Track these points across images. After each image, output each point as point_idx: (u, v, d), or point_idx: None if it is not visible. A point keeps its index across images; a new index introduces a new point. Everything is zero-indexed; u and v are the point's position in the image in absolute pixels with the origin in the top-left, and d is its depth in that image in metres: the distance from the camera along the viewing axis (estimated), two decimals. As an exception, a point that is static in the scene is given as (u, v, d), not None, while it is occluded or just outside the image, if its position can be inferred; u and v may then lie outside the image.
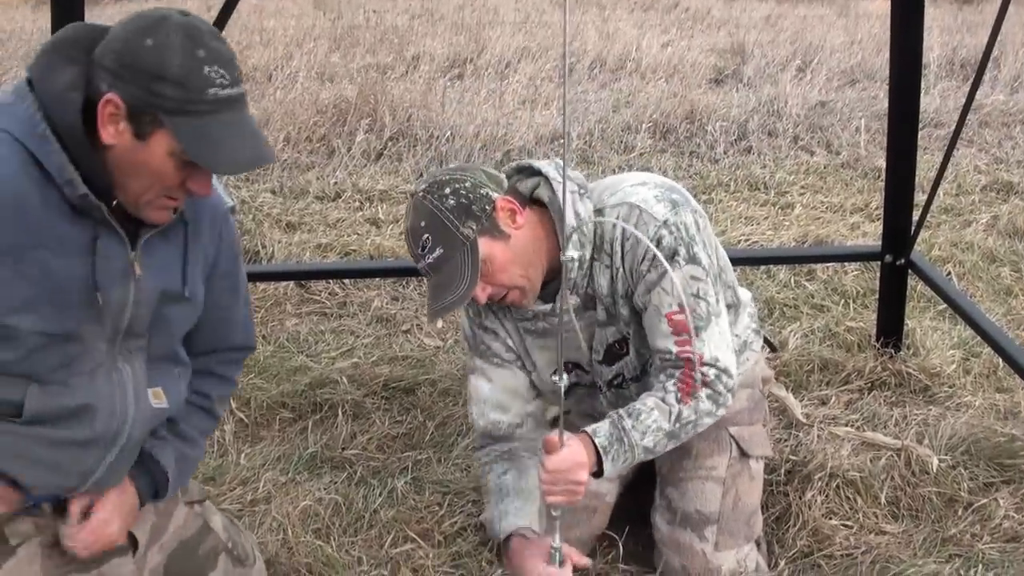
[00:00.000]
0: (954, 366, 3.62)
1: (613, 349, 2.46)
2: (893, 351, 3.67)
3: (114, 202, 1.76)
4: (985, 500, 2.87)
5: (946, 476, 2.94)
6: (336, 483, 3.02)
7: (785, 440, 3.11)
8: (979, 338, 3.51)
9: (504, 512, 2.44)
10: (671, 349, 2.30)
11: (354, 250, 4.80)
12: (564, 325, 2.37)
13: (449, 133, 6.50)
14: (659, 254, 2.14)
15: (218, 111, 1.69)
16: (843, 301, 4.21)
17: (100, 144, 1.69)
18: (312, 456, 3.16)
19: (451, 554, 2.73)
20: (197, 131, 1.67)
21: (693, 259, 2.28)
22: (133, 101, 1.66)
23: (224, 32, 2.19)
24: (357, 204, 5.57)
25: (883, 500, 2.87)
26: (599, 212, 2.32)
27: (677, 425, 2.30)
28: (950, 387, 3.50)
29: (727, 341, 2.35)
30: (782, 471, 2.93)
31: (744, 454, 2.63)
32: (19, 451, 1.82)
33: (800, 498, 2.84)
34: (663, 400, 2.30)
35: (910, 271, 3.66)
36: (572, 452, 2.18)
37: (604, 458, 2.24)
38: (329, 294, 4.32)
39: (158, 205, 1.77)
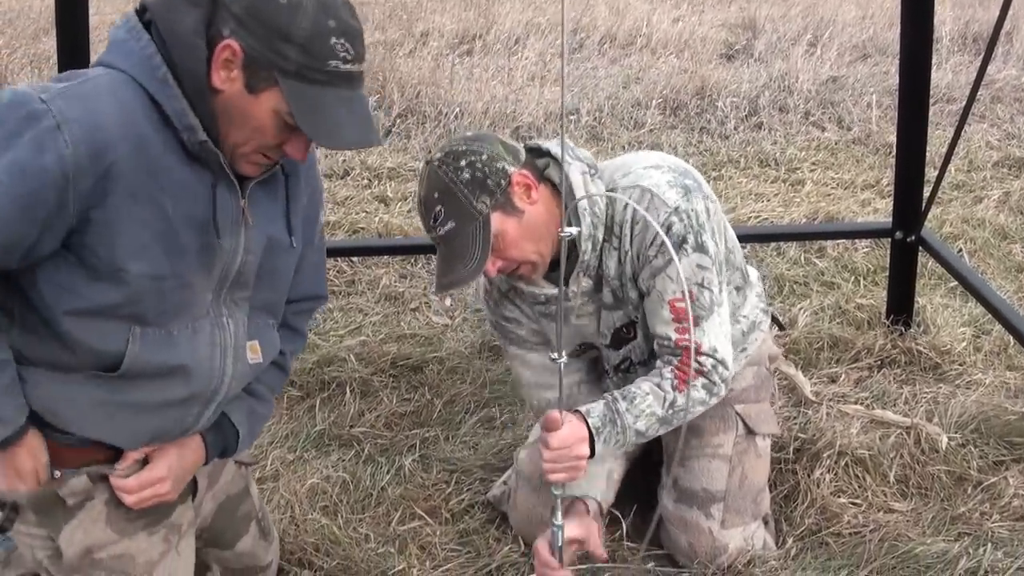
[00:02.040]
0: (964, 344, 3.60)
1: (620, 333, 2.45)
2: (903, 328, 3.66)
3: None
4: (995, 478, 2.86)
5: (955, 454, 2.93)
6: (344, 461, 3.02)
7: (794, 418, 3.10)
8: (990, 316, 3.50)
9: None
10: (671, 336, 2.29)
11: (362, 228, 4.79)
12: (575, 309, 2.36)
13: (458, 110, 6.47)
14: (668, 241, 2.12)
15: (335, 84, 1.67)
16: (853, 278, 4.19)
17: (211, 86, 1.68)
18: (320, 434, 3.17)
19: (458, 531, 2.74)
20: (309, 98, 1.66)
21: (701, 247, 2.26)
22: (252, 53, 1.64)
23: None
24: (365, 182, 5.55)
25: (892, 478, 2.86)
26: (610, 193, 2.30)
27: (670, 411, 2.29)
28: (960, 365, 3.48)
29: (726, 332, 2.34)
30: (791, 449, 2.93)
31: (751, 432, 2.62)
32: (112, 412, 1.82)
33: (809, 476, 2.83)
34: (658, 385, 2.29)
35: (921, 248, 3.63)
36: (573, 428, 2.17)
37: (596, 438, 2.23)
38: (337, 272, 4.32)
39: (252, 160, 1.76)
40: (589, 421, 2.23)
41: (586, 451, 2.19)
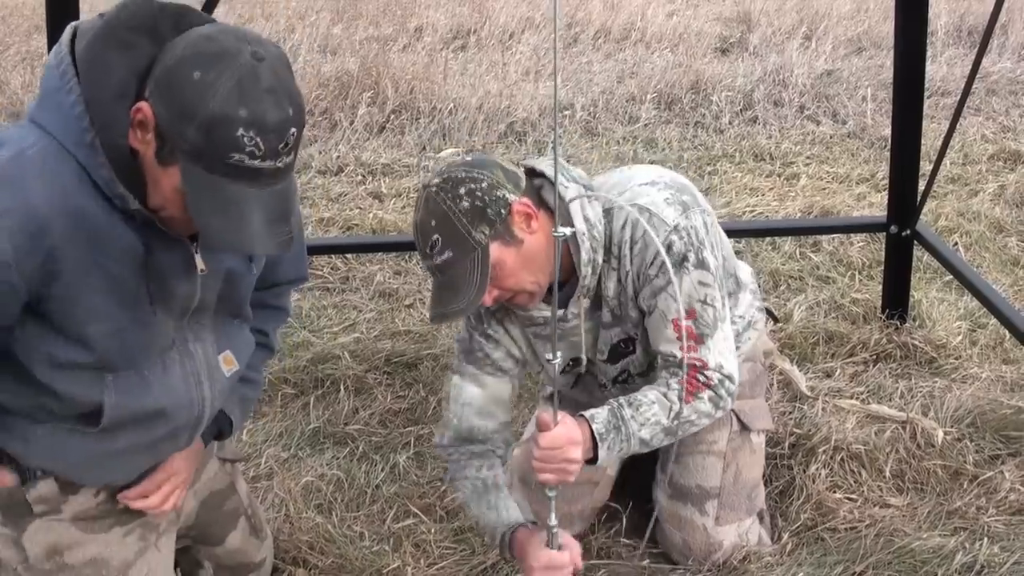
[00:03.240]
0: (960, 338, 3.60)
1: (619, 349, 2.42)
2: (899, 323, 3.65)
3: None
4: (991, 473, 2.85)
5: (951, 449, 2.93)
6: (338, 459, 3.02)
7: (789, 413, 3.09)
8: (985, 309, 3.49)
9: (497, 508, 2.36)
10: (675, 354, 2.25)
11: (356, 224, 4.78)
12: (571, 329, 2.34)
13: (452, 105, 6.45)
14: (668, 260, 2.10)
15: (236, 178, 1.53)
16: (848, 272, 4.19)
17: (130, 145, 1.59)
18: (314, 432, 3.16)
19: (453, 529, 2.74)
20: (206, 186, 1.53)
21: (702, 264, 2.23)
22: (160, 123, 1.53)
23: (226, 6, 2.14)
24: (360, 178, 5.54)
25: (888, 473, 2.86)
26: (607, 212, 2.26)
27: (676, 422, 2.24)
28: (956, 359, 3.48)
29: (731, 347, 2.31)
30: (786, 444, 2.93)
31: (745, 428, 2.61)
32: (104, 460, 1.86)
33: (804, 471, 2.83)
34: (665, 396, 2.24)
35: (916, 242, 3.63)
36: (566, 429, 2.12)
37: (600, 445, 2.18)
38: (331, 269, 4.31)
39: (177, 221, 1.67)
40: (593, 427, 2.18)
41: (578, 455, 2.12)
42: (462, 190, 2.11)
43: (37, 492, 1.89)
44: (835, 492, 2.79)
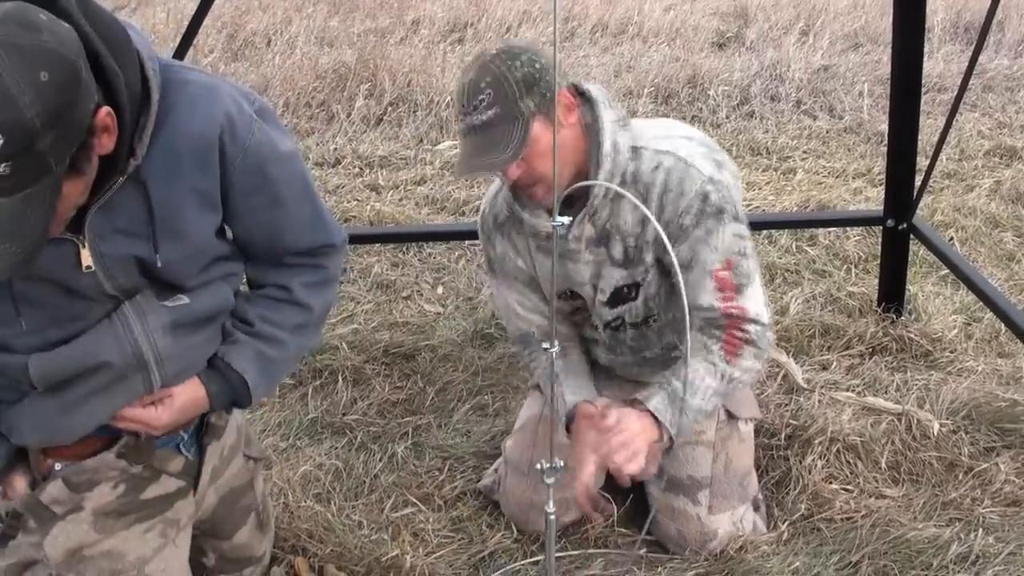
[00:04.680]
0: (956, 331, 3.61)
1: (621, 293, 2.42)
2: (895, 316, 3.67)
3: None
4: (986, 464, 2.87)
5: (947, 441, 2.94)
6: (336, 448, 3.02)
7: (786, 405, 3.11)
8: (981, 303, 3.51)
9: (565, 391, 2.46)
10: (716, 306, 2.28)
11: (354, 216, 4.78)
12: (572, 253, 2.37)
13: (449, 98, 6.44)
14: (707, 210, 2.19)
15: None
16: (845, 266, 4.20)
17: None
18: (312, 422, 3.17)
19: (451, 518, 2.75)
20: None
21: (738, 217, 2.28)
22: None
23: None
24: (357, 170, 5.54)
25: (883, 464, 2.87)
26: (636, 150, 2.28)
27: (729, 385, 2.31)
28: (951, 352, 3.49)
29: (764, 297, 2.36)
30: (782, 436, 2.94)
31: (732, 416, 2.63)
32: (68, 411, 1.83)
33: (800, 463, 2.84)
34: (711, 363, 2.29)
35: (912, 236, 3.64)
36: (637, 419, 2.20)
37: (672, 435, 2.24)
38: (329, 260, 4.30)
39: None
40: (652, 409, 2.23)
41: (647, 441, 2.19)
42: (518, 61, 2.14)
43: (49, 494, 1.90)
44: (831, 483, 2.81)
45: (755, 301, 2.30)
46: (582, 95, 2.29)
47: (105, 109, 1.49)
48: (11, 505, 1.91)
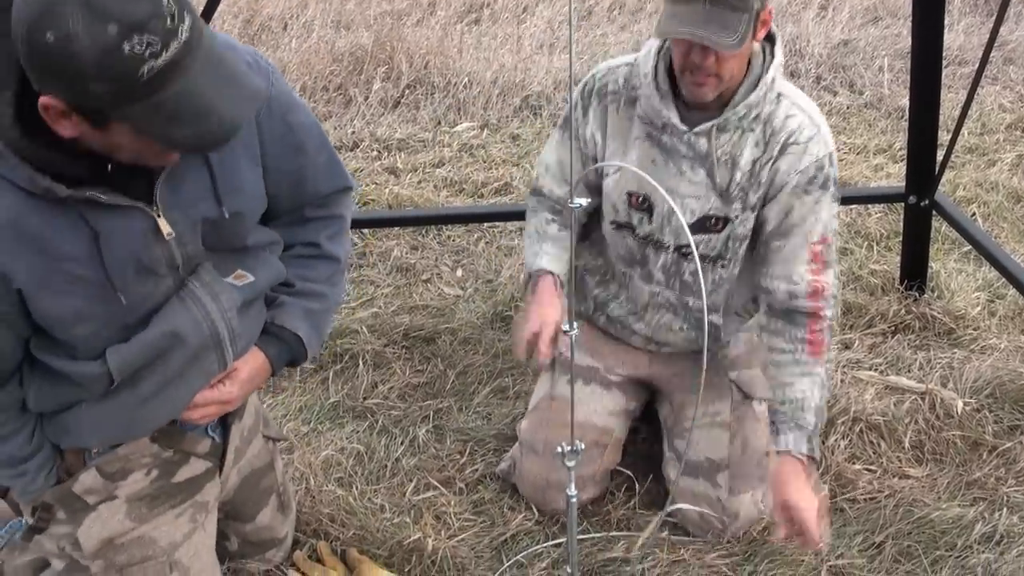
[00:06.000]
0: (979, 308, 3.59)
1: (707, 222, 2.42)
2: (917, 294, 3.64)
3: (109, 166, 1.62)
4: (1010, 444, 2.85)
5: (970, 419, 2.93)
6: (358, 432, 3.03)
7: (807, 385, 3.09)
8: (1004, 280, 3.48)
9: (541, 252, 2.54)
10: (805, 277, 2.34)
11: (372, 200, 4.78)
12: (682, 155, 2.36)
13: (467, 80, 6.42)
14: (820, 179, 2.28)
15: (164, 84, 1.39)
16: (866, 244, 4.17)
17: (63, 138, 1.50)
18: (333, 406, 3.18)
19: (472, 501, 2.75)
20: (149, 112, 1.42)
21: (837, 199, 2.35)
22: (70, 100, 1.42)
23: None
24: (375, 153, 5.53)
25: (907, 444, 2.86)
26: (779, 97, 2.33)
27: (829, 380, 2.42)
28: (975, 330, 3.47)
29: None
30: (804, 416, 2.92)
31: (746, 396, 2.62)
32: (150, 406, 1.89)
33: (823, 443, 2.83)
34: (808, 375, 2.35)
35: (934, 212, 3.61)
36: (805, 496, 2.28)
37: (815, 457, 2.34)
38: (348, 244, 4.30)
39: (159, 161, 1.63)
40: (806, 454, 2.32)
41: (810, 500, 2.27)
42: None
43: (82, 484, 1.92)
44: (854, 463, 2.80)
45: (834, 283, 2.38)
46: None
47: None
48: (41, 497, 1.93)
